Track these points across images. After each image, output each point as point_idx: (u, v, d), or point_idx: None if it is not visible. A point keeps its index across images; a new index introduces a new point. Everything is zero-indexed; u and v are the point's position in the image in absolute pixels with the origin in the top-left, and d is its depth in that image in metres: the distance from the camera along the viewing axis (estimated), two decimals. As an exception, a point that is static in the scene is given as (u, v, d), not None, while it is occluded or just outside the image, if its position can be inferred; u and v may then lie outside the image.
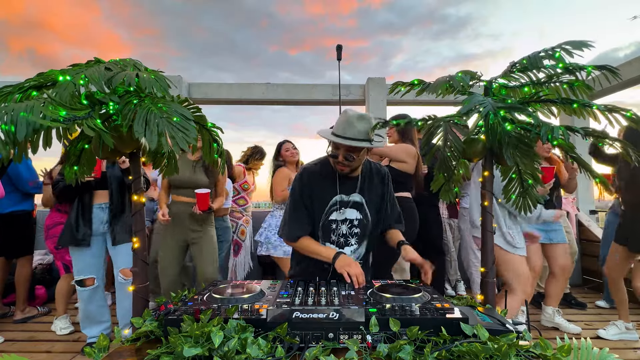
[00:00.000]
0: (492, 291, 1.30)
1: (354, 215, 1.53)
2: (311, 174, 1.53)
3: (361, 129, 1.37)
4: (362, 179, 1.54)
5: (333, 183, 1.51)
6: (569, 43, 1.12)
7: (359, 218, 1.53)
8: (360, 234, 1.55)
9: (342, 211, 1.51)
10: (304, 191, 1.51)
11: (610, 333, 2.51)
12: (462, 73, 1.24)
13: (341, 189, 1.51)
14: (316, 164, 1.57)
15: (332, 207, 1.51)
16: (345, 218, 1.52)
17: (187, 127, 0.88)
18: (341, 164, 1.43)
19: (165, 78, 1.04)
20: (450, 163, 1.32)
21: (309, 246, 1.49)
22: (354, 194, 1.53)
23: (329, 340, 0.88)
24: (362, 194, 1.54)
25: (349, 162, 1.43)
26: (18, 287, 2.91)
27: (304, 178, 1.53)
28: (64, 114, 0.79)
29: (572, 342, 0.84)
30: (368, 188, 1.55)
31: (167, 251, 2.50)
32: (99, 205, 2.33)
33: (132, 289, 1.15)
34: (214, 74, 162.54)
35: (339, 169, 1.47)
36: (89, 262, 2.31)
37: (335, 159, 1.44)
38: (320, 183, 1.52)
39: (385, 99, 4.97)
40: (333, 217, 1.51)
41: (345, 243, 1.53)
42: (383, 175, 1.61)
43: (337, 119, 1.46)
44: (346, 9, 66.47)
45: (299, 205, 1.52)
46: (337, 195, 1.50)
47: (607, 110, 1.10)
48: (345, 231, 1.52)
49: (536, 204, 1.38)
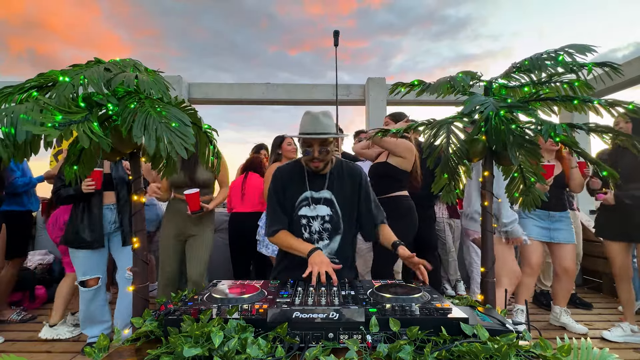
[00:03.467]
0: (492, 291, 1.30)
1: (325, 212, 1.58)
2: (283, 172, 1.63)
3: (328, 123, 1.50)
4: (331, 176, 1.60)
5: (302, 180, 1.59)
6: (572, 47, 1.11)
7: (330, 214, 1.58)
8: (331, 229, 1.58)
9: (314, 207, 1.57)
10: (278, 188, 1.60)
11: (615, 335, 2.49)
12: (462, 74, 1.24)
13: (310, 185, 1.58)
14: (288, 164, 1.67)
15: (302, 203, 1.58)
16: (317, 214, 1.57)
17: (185, 133, 0.89)
18: (317, 159, 1.51)
19: (164, 79, 1.04)
20: (454, 164, 1.32)
21: (286, 240, 1.54)
22: (323, 191, 1.59)
23: (329, 340, 0.88)
24: (331, 190, 1.59)
25: (323, 157, 1.51)
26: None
27: (277, 176, 1.62)
28: (60, 118, 0.79)
29: (572, 342, 0.84)
30: (337, 185, 1.61)
31: (166, 248, 2.53)
32: (107, 206, 2.34)
33: (132, 289, 1.15)
34: (214, 74, 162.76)
35: (315, 167, 1.54)
36: (94, 263, 2.31)
37: (310, 157, 1.51)
38: (291, 180, 1.60)
39: (385, 99, 4.98)
40: (303, 212, 1.58)
41: (319, 239, 1.58)
42: (356, 174, 1.65)
43: (302, 120, 1.54)
44: (345, 10, 66.53)
45: (273, 201, 1.60)
46: (307, 192, 1.58)
47: (608, 104, 1.10)
48: (318, 227, 1.57)
49: (539, 202, 1.38)
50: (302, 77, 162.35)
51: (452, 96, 1.30)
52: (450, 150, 1.29)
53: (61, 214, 2.63)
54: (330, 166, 1.61)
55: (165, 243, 2.54)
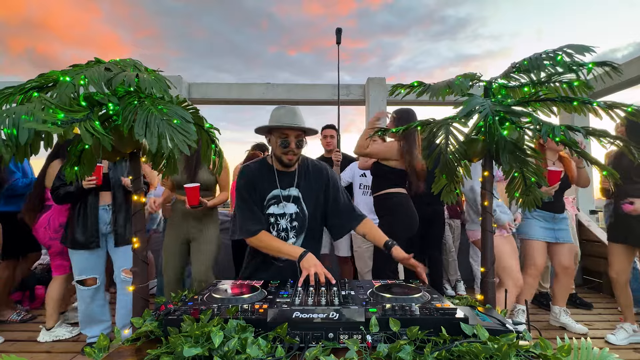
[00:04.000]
0: (492, 291, 1.30)
1: (292, 210, 1.58)
2: (251, 171, 1.61)
3: (304, 119, 1.52)
4: (299, 174, 1.60)
5: (272, 178, 1.59)
6: (571, 47, 1.11)
7: (297, 212, 1.58)
8: (297, 227, 1.59)
9: (282, 205, 1.57)
10: (248, 187, 1.58)
11: (619, 337, 2.47)
12: (461, 77, 1.24)
13: (280, 184, 1.58)
14: (255, 163, 1.65)
15: (270, 201, 1.58)
16: (284, 212, 1.57)
17: (187, 130, 0.89)
18: (292, 152, 1.51)
19: (165, 78, 1.04)
20: (453, 165, 1.32)
21: (270, 242, 1.51)
22: (291, 188, 1.59)
23: (329, 340, 0.88)
24: (298, 187, 1.59)
25: (298, 150, 1.52)
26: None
27: (246, 175, 1.60)
28: (62, 116, 0.80)
29: (572, 342, 0.84)
30: (305, 183, 1.61)
31: (168, 248, 2.52)
32: (102, 207, 2.34)
33: (132, 289, 1.15)
34: (214, 74, 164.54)
35: (288, 160, 1.53)
36: (91, 262, 2.31)
37: (286, 149, 1.51)
38: (260, 179, 1.59)
39: (385, 99, 4.97)
40: (271, 210, 1.58)
41: (286, 237, 1.58)
42: (321, 170, 1.66)
43: (275, 113, 1.54)
44: (345, 10, 66.47)
45: (248, 201, 1.57)
46: (276, 190, 1.57)
47: (607, 107, 1.10)
48: (285, 225, 1.58)
49: (540, 202, 1.38)
50: (301, 77, 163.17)
51: (452, 96, 1.30)
52: (449, 151, 1.29)
53: (55, 217, 2.57)
54: (298, 163, 1.61)
55: (169, 246, 2.53)
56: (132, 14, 63.01)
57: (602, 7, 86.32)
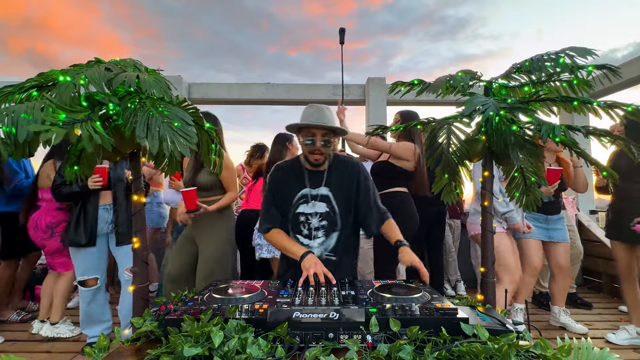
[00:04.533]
0: (492, 291, 1.30)
1: (322, 209, 1.58)
2: (281, 170, 1.63)
3: (332, 118, 1.52)
4: (329, 173, 1.60)
5: (301, 177, 1.59)
6: (572, 49, 1.11)
7: (326, 211, 1.58)
8: (327, 226, 1.58)
9: (312, 204, 1.57)
10: (274, 186, 1.61)
11: (620, 338, 2.46)
12: (462, 73, 1.24)
13: (309, 183, 1.58)
14: (286, 162, 1.68)
15: (300, 200, 1.58)
16: (315, 211, 1.58)
17: (188, 133, 0.89)
18: (319, 151, 1.51)
19: (165, 79, 1.04)
20: (454, 164, 1.32)
21: (279, 240, 1.55)
22: (321, 188, 1.59)
23: (329, 340, 0.88)
24: (328, 186, 1.59)
25: (325, 149, 1.52)
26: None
27: (274, 173, 1.63)
28: (64, 117, 0.80)
29: (572, 342, 0.84)
30: (335, 181, 1.60)
31: (176, 246, 2.52)
32: (103, 206, 2.34)
33: (132, 289, 1.15)
34: (214, 74, 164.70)
35: (315, 159, 1.53)
36: (92, 263, 2.31)
37: (312, 148, 1.51)
38: (289, 177, 1.60)
39: (385, 98, 4.97)
40: (301, 209, 1.58)
41: (315, 236, 1.58)
42: (354, 169, 1.64)
43: (304, 112, 1.54)
44: (345, 10, 66.76)
45: (269, 199, 1.61)
46: (305, 189, 1.58)
47: (607, 106, 1.10)
48: (316, 224, 1.58)
49: (540, 202, 1.38)
50: (301, 77, 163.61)
51: (452, 96, 1.30)
52: (451, 150, 1.29)
53: (41, 217, 2.54)
54: (328, 162, 1.61)
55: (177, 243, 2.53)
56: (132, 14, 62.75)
57: (602, 7, 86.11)
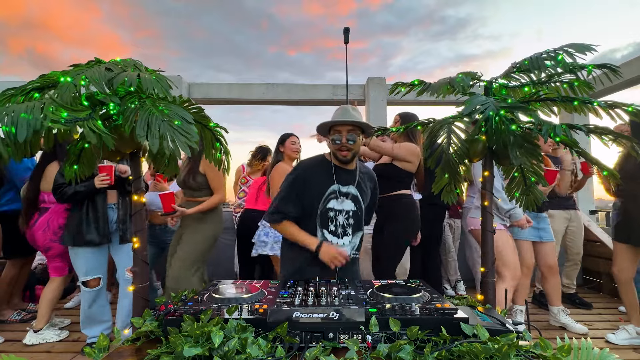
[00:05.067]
0: (492, 291, 1.30)
1: (350, 207, 1.59)
2: (308, 165, 1.64)
3: (358, 117, 1.55)
4: (360, 174, 1.64)
5: (329, 173, 1.59)
6: (571, 46, 1.11)
7: (354, 210, 1.60)
8: (354, 225, 1.61)
9: (341, 200, 1.58)
10: (299, 179, 1.59)
11: (620, 338, 2.46)
12: (462, 74, 1.24)
13: (337, 179, 1.59)
14: (310, 159, 1.68)
15: (330, 195, 1.58)
16: (342, 209, 1.59)
17: (189, 131, 0.88)
18: (345, 147, 1.53)
19: (166, 78, 1.04)
20: (455, 164, 1.32)
21: (291, 231, 1.57)
22: (350, 186, 1.60)
23: (329, 340, 0.88)
24: (358, 187, 1.62)
25: (351, 145, 1.53)
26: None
27: (300, 167, 1.64)
28: (66, 115, 0.80)
29: (572, 342, 0.84)
30: (362, 184, 1.65)
31: (170, 246, 2.55)
32: (109, 206, 2.35)
33: (132, 289, 1.15)
34: (214, 74, 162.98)
35: (342, 156, 1.55)
36: (96, 263, 2.31)
37: (338, 144, 1.54)
38: (316, 173, 1.60)
39: (385, 98, 4.98)
40: (331, 205, 1.58)
41: (344, 233, 1.59)
42: (372, 177, 1.75)
43: (335, 113, 1.60)
44: (345, 10, 66.79)
45: (290, 190, 1.59)
46: (334, 185, 1.58)
47: (607, 106, 1.09)
48: (342, 222, 1.59)
49: (540, 202, 1.38)
50: (301, 77, 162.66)
51: (453, 96, 1.30)
52: (451, 150, 1.29)
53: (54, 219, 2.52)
54: (357, 164, 1.65)
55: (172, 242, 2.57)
56: (132, 14, 63.09)
57: (602, 7, 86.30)
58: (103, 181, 2.21)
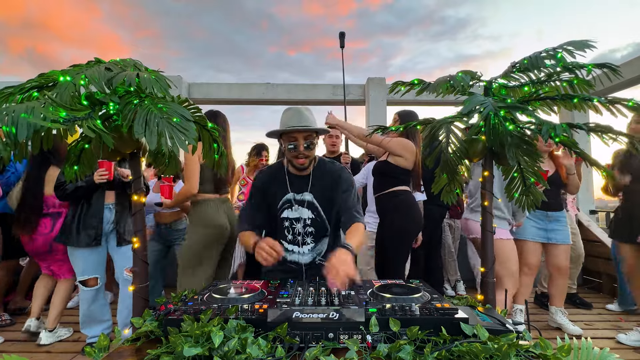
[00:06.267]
0: (492, 291, 1.30)
1: (306, 214, 1.55)
2: (264, 175, 1.61)
3: (312, 119, 1.48)
4: (313, 178, 1.57)
5: (283, 182, 1.56)
6: (570, 43, 1.11)
7: (312, 217, 1.55)
8: (315, 232, 1.56)
9: (296, 209, 1.55)
10: (256, 190, 1.59)
11: (631, 339, 2.43)
12: (462, 73, 1.24)
13: (291, 187, 1.56)
14: (269, 168, 1.65)
15: (284, 205, 1.56)
16: (299, 217, 1.55)
17: (187, 128, 0.88)
18: (302, 155, 1.48)
19: (166, 78, 1.04)
20: (453, 164, 1.32)
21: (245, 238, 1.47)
22: (305, 193, 1.56)
23: (329, 340, 0.88)
24: (312, 192, 1.56)
25: (309, 152, 1.48)
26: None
27: (258, 179, 1.61)
28: (64, 114, 0.80)
29: (572, 342, 0.84)
30: (319, 186, 1.56)
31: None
32: (106, 206, 2.35)
33: (132, 289, 1.15)
34: (214, 74, 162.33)
35: (300, 163, 1.50)
36: (93, 262, 2.31)
37: (295, 152, 1.47)
38: (271, 183, 1.58)
39: (385, 98, 4.98)
40: (285, 214, 1.56)
41: (303, 242, 1.56)
42: (335, 170, 1.58)
43: (283, 116, 1.51)
44: (345, 10, 66.64)
45: (250, 202, 1.60)
46: (289, 194, 1.55)
47: (608, 102, 1.09)
48: (300, 230, 1.56)
49: (539, 202, 1.38)
50: (301, 77, 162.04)
51: (452, 96, 1.31)
52: (450, 150, 1.29)
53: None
54: (313, 166, 1.57)
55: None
56: (132, 14, 62.80)
57: (602, 7, 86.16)
58: (102, 176, 2.20)
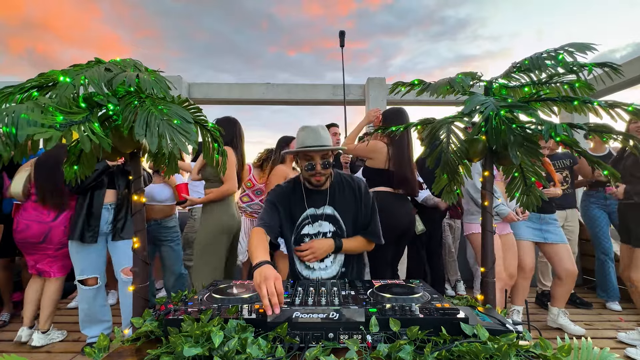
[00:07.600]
0: (492, 291, 1.30)
1: (327, 229, 1.54)
2: (282, 191, 1.58)
3: (328, 137, 1.49)
4: (332, 191, 1.56)
5: (301, 198, 1.55)
6: (572, 45, 1.11)
7: (333, 230, 1.54)
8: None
9: (317, 224, 1.54)
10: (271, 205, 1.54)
11: (631, 337, 2.43)
12: (462, 75, 1.24)
13: (310, 203, 1.54)
14: (287, 183, 1.62)
15: (304, 222, 1.54)
16: (319, 231, 1.54)
17: (188, 130, 0.88)
18: (319, 174, 1.48)
19: (165, 79, 1.04)
20: (454, 164, 1.32)
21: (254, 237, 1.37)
22: (325, 207, 1.55)
23: (329, 340, 0.88)
24: (332, 205, 1.55)
25: (325, 170, 1.49)
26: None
27: (277, 192, 1.58)
28: (61, 119, 0.79)
29: (572, 341, 0.84)
30: (339, 199, 1.56)
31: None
32: (105, 206, 2.35)
33: (132, 289, 1.15)
34: (214, 74, 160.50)
35: (317, 181, 1.50)
36: (91, 262, 2.32)
37: (312, 171, 1.48)
38: (290, 199, 1.56)
39: (385, 98, 4.98)
40: (305, 231, 1.54)
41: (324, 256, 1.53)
42: (354, 183, 1.61)
43: (299, 135, 1.52)
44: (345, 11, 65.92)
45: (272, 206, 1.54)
46: (308, 209, 1.54)
47: (608, 106, 1.09)
48: None
49: (540, 202, 1.38)
50: (301, 77, 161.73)
51: (452, 96, 1.30)
52: (451, 150, 1.29)
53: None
54: (330, 180, 1.58)
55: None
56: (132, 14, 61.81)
57: (602, 7, 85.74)
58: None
